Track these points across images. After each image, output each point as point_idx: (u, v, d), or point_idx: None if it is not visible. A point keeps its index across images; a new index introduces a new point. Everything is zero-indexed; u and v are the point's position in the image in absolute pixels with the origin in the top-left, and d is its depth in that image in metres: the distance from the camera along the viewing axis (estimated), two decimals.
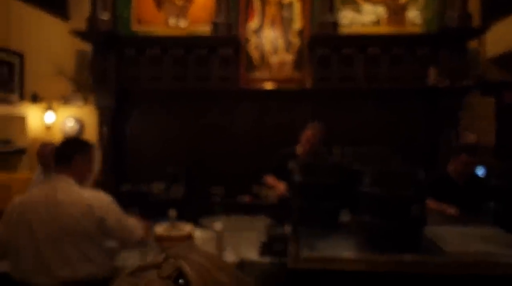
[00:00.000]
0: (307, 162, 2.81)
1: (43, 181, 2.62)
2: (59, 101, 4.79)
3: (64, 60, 4.85)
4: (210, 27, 4.61)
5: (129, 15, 4.71)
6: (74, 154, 1.95)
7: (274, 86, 4.61)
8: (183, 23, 4.69)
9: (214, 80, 4.56)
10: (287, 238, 2.20)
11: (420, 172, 2.02)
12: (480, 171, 3.68)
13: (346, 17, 4.54)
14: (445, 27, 4.33)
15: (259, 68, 4.67)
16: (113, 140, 4.64)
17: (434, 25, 4.46)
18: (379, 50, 4.44)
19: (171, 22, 4.71)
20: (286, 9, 4.66)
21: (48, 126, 4.69)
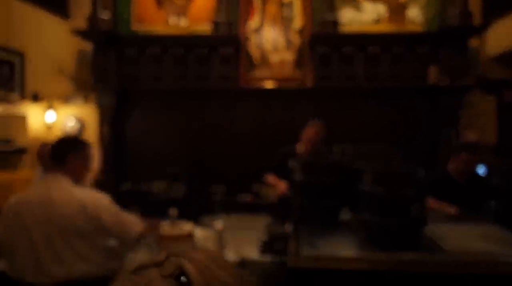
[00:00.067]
0: (308, 160, 2.81)
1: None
2: (60, 101, 4.79)
3: (64, 59, 4.85)
4: (210, 26, 4.61)
5: (129, 14, 4.71)
6: (68, 153, 1.95)
7: (275, 85, 4.61)
8: (184, 22, 4.69)
9: (215, 79, 4.56)
10: (288, 237, 2.20)
11: (420, 170, 2.02)
12: (481, 170, 3.67)
13: (347, 16, 4.54)
14: (445, 25, 4.32)
15: (260, 67, 4.66)
16: (113, 139, 4.65)
17: (434, 23, 4.46)
18: (380, 49, 4.44)
19: (171, 21, 4.71)
20: (287, 8, 4.65)
21: (49, 125, 4.69)
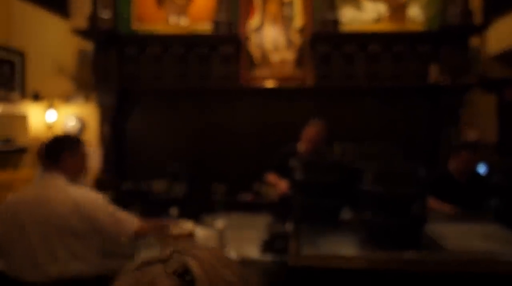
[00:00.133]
0: (309, 159, 2.81)
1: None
2: (60, 100, 4.79)
3: (65, 58, 4.85)
4: (210, 26, 4.61)
5: (129, 13, 4.71)
6: (62, 152, 1.95)
7: (275, 85, 4.60)
8: (184, 22, 4.69)
9: (215, 79, 4.56)
10: (288, 236, 2.20)
11: (421, 169, 2.02)
12: (482, 169, 3.67)
13: (347, 15, 4.53)
14: (446, 24, 4.32)
15: (260, 66, 4.66)
16: (114, 139, 4.65)
17: (435, 22, 4.45)
18: (380, 48, 4.43)
19: (172, 21, 4.70)
20: (287, 7, 4.65)
21: (50, 125, 4.69)
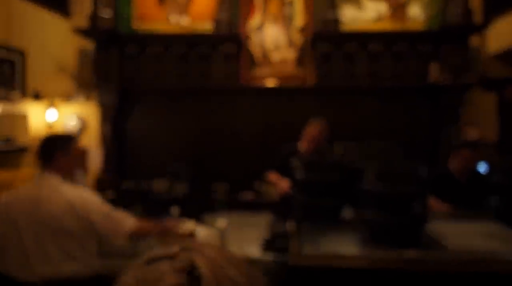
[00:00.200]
0: (310, 159, 2.82)
1: None
2: (61, 99, 4.79)
3: (65, 57, 4.85)
4: (211, 25, 4.61)
5: (130, 12, 4.71)
6: (54, 152, 1.95)
7: (276, 84, 4.60)
8: (185, 21, 4.69)
9: (216, 78, 4.56)
10: (289, 235, 2.20)
11: (422, 168, 2.02)
12: (482, 167, 3.67)
13: (348, 14, 4.53)
14: (446, 24, 4.32)
15: (261, 65, 4.66)
16: (115, 138, 4.65)
17: (435, 22, 4.45)
18: (381, 48, 4.43)
19: (173, 20, 4.70)
20: (288, 6, 4.65)
21: (50, 124, 4.69)
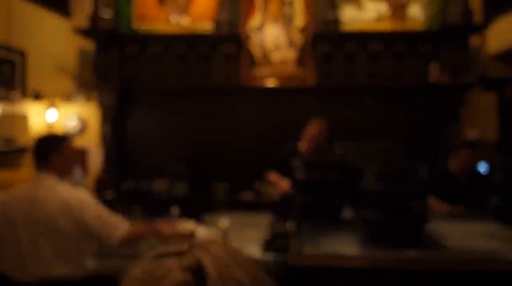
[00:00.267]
0: (310, 158, 2.82)
1: None
2: (61, 99, 4.79)
3: (66, 57, 4.85)
4: (211, 25, 4.61)
5: (130, 12, 4.71)
6: (48, 153, 1.96)
7: (276, 84, 4.60)
8: (185, 21, 4.69)
9: (216, 78, 4.56)
10: (290, 235, 2.20)
11: (422, 168, 2.02)
12: (483, 167, 3.67)
13: (348, 14, 4.53)
14: (446, 24, 4.32)
15: (261, 66, 4.66)
16: (115, 138, 4.65)
17: (435, 21, 4.45)
18: (381, 47, 4.43)
19: (173, 20, 4.70)
20: (288, 6, 4.64)
21: (50, 124, 4.69)
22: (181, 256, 0.53)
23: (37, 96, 4.55)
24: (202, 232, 2.43)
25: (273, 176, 3.40)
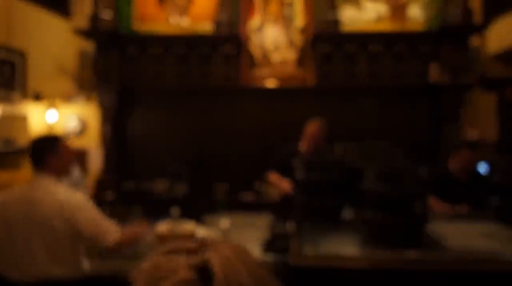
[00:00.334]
0: (311, 159, 2.82)
1: None
2: (61, 100, 4.79)
3: (66, 58, 4.85)
4: (211, 25, 4.61)
5: (130, 13, 4.71)
6: (44, 154, 1.96)
7: (276, 85, 4.60)
8: (185, 22, 4.69)
9: (216, 78, 4.57)
10: (290, 235, 2.20)
11: (422, 168, 2.02)
12: (483, 167, 3.67)
13: (348, 15, 4.53)
14: (446, 24, 4.32)
15: (261, 66, 4.66)
16: (115, 139, 4.65)
17: (435, 22, 4.45)
18: (381, 48, 4.43)
19: (173, 21, 4.70)
20: (288, 7, 4.65)
21: (50, 125, 4.69)
22: (190, 254, 0.53)
23: (37, 97, 4.55)
24: (202, 232, 2.43)
25: (273, 176, 3.39)
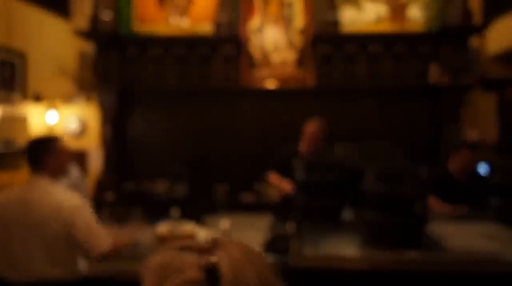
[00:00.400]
0: (311, 159, 2.82)
1: None
2: (62, 101, 4.79)
3: (66, 59, 4.86)
4: (211, 26, 4.61)
5: (130, 14, 4.71)
6: (41, 155, 1.96)
7: (276, 85, 4.61)
8: (185, 23, 4.69)
9: (216, 79, 4.57)
10: (290, 236, 2.20)
11: (422, 169, 2.02)
12: (483, 168, 3.67)
13: (348, 16, 4.53)
14: (446, 25, 4.32)
15: (261, 67, 4.66)
16: (115, 139, 4.65)
17: (435, 23, 4.45)
18: (381, 49, 4.43)
19: (173, 22, 4.71)
20: (288, 8, 4.65)
21: (50, 126, 4.69)
22: (201, 253, 0.54)
23: (37, 98, 4.55)
24: (202, 233, 2.43)
25: (273, 177, 3.39)
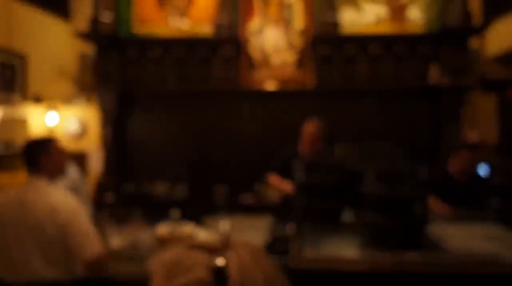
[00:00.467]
0: (311, 160, 2.81)
1: None
2: (62, 103, 4.80)
3: (66, 61, 4.86)
4: (211, 28, 4.62)
5: (130, 16, 4.71)
6: (38, 156, 1.96)
7: (276, 87, 4.61)
8: (185, 24, 4.70)
9: (216, 81, 4.57)
10: (290, 238, 2.19)
11: (422, 170, 2.02)
12: (483, 169, 3.66)
13: (348, 17, 4.54)
14: (446, 26, 4.32)
15: (261, 68, 4.66)
16: (115, 141, 4.66)
17: (435, 24, 4.45)
18: (381, 50, 4.44)
19: (173, 23, 4.71)
20: (287, 9, 4.65)
21: (51, 127, 4.69)
22: (211, 253, 0.54)
23: (37, 100, 4.56)
24: (202, 234, 2.42)
25: (273, 178, 3.39)
